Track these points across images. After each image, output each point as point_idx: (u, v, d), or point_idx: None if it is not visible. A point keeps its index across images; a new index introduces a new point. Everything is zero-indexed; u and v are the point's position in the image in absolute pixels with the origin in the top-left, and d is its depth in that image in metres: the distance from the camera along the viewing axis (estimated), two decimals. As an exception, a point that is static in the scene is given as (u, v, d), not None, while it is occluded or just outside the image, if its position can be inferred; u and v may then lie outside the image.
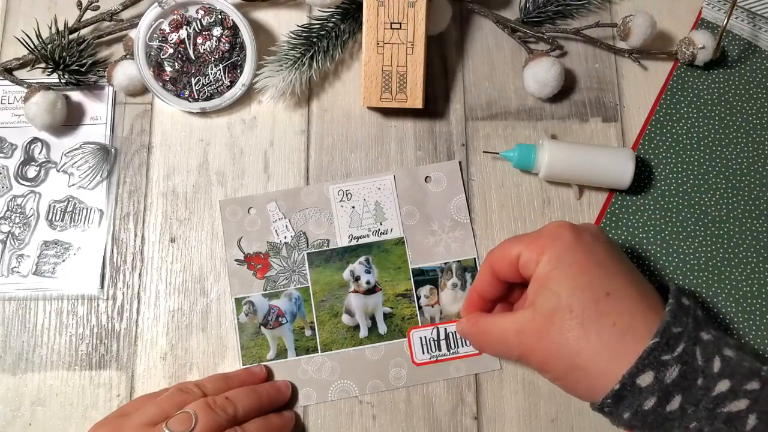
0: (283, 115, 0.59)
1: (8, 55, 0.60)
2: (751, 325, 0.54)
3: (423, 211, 0.57)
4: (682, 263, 0.56)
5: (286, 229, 0.56)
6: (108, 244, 0.56)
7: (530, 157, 0.55)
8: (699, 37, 0.57)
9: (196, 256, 0.56)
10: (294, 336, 0.54)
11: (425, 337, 0.54)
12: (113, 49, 0.61)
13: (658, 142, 0.58)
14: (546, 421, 0.53)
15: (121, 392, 0.53)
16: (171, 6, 0.57)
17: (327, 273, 0.55)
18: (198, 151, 0.58)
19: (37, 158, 0.58)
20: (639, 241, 0.56)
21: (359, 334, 0.54)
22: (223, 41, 0.57)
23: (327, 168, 0.58)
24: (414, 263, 0.55)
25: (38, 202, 0.57)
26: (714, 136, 0.58)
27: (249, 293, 0.55)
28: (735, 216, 0.57)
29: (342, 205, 0.57)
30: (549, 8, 0.60)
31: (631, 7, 0.62)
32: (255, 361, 0.53)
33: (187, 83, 0.57)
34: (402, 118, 0.59)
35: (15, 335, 0.54)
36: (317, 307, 0.55)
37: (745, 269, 0.55)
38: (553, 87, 0.57)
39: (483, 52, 0.61)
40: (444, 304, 0.55)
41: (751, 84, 0.60)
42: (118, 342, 0.54)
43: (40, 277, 0.55)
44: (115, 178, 0.58)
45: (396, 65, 0.55)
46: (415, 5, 0.54)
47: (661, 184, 0.57)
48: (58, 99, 0.57)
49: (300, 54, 0.58)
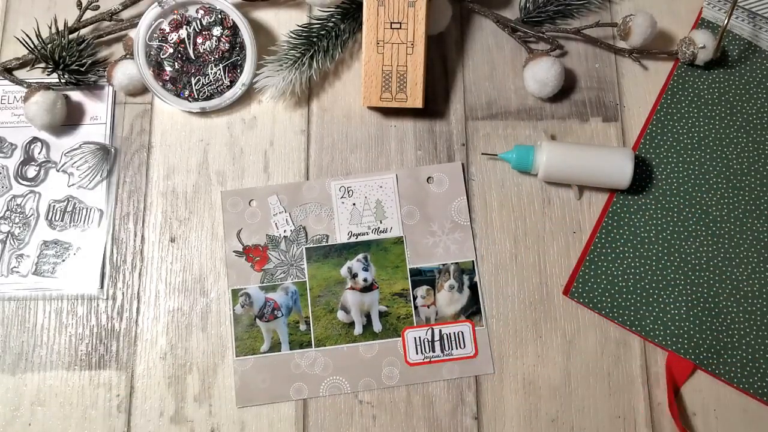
0: (283, 114, 0.59)
1: (8, 55, 0.60)
2: (752, 325, 0.54)
3: (423, 212, 0.56)
4: (683, 263, 0.55)
5: (286, 222, 0.56)
6: (108, 244, 0.56)
7: (528, 158, 0.55)
8: (699, 37, 0.57)
9: (196, 255, 0.56)
10: (289, 330, 0.54)
11: (420, 337, 0.54)
12: (113, 49, 0.61)
13: (659, 142, 0.58)
14: (546, 421, 0.53)
15: (121, 392, 0.53)
16: (171, 6, 0.57)
17: (325, 268, 0.55)
18: (198, 151, 0.58)
19: (36, 158, 0.58)
20: (641, 241, 0.56)
21: (354, 331, 0.54)
22: (223, 41, 0.57)
23: (327, 167, 0.58)
24: (412, 263, 0.55)
25: (38, 202, 0.57)
26: (715, 136, 0.58)
27: (246, 285, 0.55)
28: (736, 216, 0.56)
29: (343, 202, 0.57)
30: (549, 8, 0.60)
31: (632, 6, 0.62)
32: (249, 352, 0.54)
33: (187, 83, 0.57)
34: (402, 118, 0.59)
35: (15, 335, 0.54)
36: (313, 302, 0.55)
37: (746, 269, 0.55)
38: (553, 87, 0.57)
39: (483, 52, 0.61)
40: (440, 305, 0.55)
41: (752, 84, 0.59)
42: (118, 342, 0.54)
43: (40, 277, 0.55)
44: (115, 178, 0.58)
45: (396, 65, 0.55)
46: (415, 5, 0.54)
47: (662, 183, 0.57)
48: (58, 99, 0.57)
49: (300, 54, 0.58)
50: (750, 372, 0.53)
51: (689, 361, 0.53)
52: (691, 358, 0.53)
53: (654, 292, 0.55)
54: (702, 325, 0.54)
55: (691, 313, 0.54)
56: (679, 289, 0.55)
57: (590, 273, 0.55)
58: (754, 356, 0.53)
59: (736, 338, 0.54)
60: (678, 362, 0.53)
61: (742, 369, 0.53)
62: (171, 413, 0.53)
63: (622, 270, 0.55)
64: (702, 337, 0.54)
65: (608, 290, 0.55)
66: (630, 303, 0.54)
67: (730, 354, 0.53)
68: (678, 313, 0.54)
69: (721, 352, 0.53)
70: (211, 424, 0.53)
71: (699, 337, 0.54)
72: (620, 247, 0.56)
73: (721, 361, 0.53)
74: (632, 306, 0.54)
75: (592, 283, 0.55)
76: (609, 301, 0.54)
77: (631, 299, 0.55)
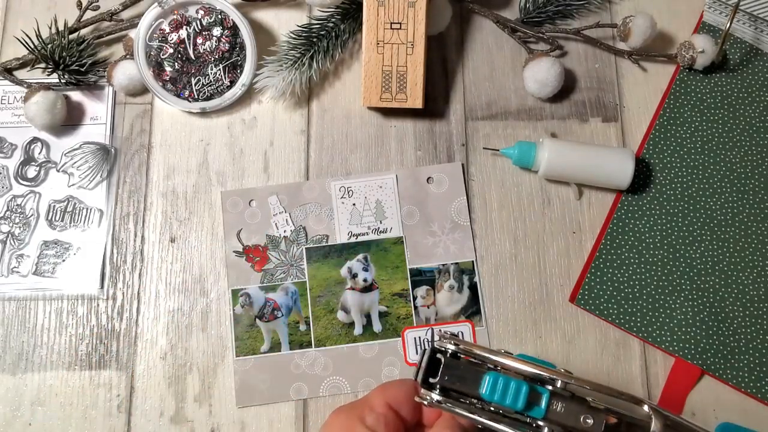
0: (283, 115, 0.59)
1: (8, 55, 0.60)
2: (759, 329, 0.54)
3: (423, 212, 0.57)
4: (689, 267, 0.55)
5: (286, 223, 0.56)
6: (108, 244, 0.56)
7: (530, 154, 0.55)
8: (699, 41, 0.57)
9: (196, 256, 0.56)
10: (289, 330, 0.54)
11: (420, 337, 0.54)
12: (113, 49, 0.61)
13: (663, 147, 0.58)
14: (545, 422, 0.53)
15: (121, 392, 0.53)
16: (171, 6, 0.57)
17: (324, 269, 0.55)
18: (198, 151, 0.58)
19: (37, 158, 0.58)
20: (646, 247, 0.56)
21: (354, 331, 0.54)
22: (223, 41, 0.57)
23: (327, 168, 0.58)
24: (412, 263, 0.55)
25: (38, 202, 0.57)
26: (718, 140, 0.58)
27: (246, 285, 0.55)
28: (741, 219, 0.56)
29: (343, 202, 0.57)
30: (549, 8, 0.60)
31: (632, 7, 0.62)
32: (249, 353, 0.54)
33: (187, 83, 0.57)
34: (402, 118, 0.59)
35: (15, 335, 0.55)
36: (313, 303, 0.55)
37: (752, 273, 0.55)
38: (553, 87, 0.57)
39: (483, 52, 0.61)
40: (440, 305, 0.55)
41: (754, 87, 0.59)
42: (118, 342, 0.54)
43: (40, 277, 0.56)
44: (115, 178, 0.58)
45: (396, 65, 0.55)
46: (415, 5, 0.54)
47: (666, 188, 0.57)
48: (58, 99, 0.57)
49: (300, 54, 0.58)
50: (758, 376, 0.53)
51: (697, 367, 0.53)
52: (698, 363, 0.53)
53: (660, 298, 0.55)
54: (708, 330, 0.54)
55: (698, 318, 0.54)
56: (685, 295, 0.55)
57: (596, 280, 0.55)
58: (761, 360, 0.53)
59: (742, 342, 0.54)
60: (685, 368, 0.53)
61: (749, 373, 0.53)
62: (171, 413, 0.53)
63: (628, 276, 0.55)
64: (709, 342, 0.53)
65: (614, 297, 0.55)
66: (636, 309, 0.54)
67: (737, 359, 0.53)
68: (684, 319, 0.54)
69: (728, 357, 0.53)
70: (211, 424, 0.53)
71: (706, 342, 0.53)
72: (625, 253, 0.56)
73: (728, 366, 0.53)
74: (638, 312, 0.54)
75: (598, 290, 0.55)
76: (615, 308, 0.54)
77: (637, 305, 0.54)
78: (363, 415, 0.40)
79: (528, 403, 0.37)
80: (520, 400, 0.36)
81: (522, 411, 0.37)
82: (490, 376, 0.37)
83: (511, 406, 0.36)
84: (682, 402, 0.53)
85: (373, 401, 0.41)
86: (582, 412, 0.37)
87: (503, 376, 0.37)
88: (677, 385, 0.53)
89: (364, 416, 0.40)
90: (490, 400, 0.37)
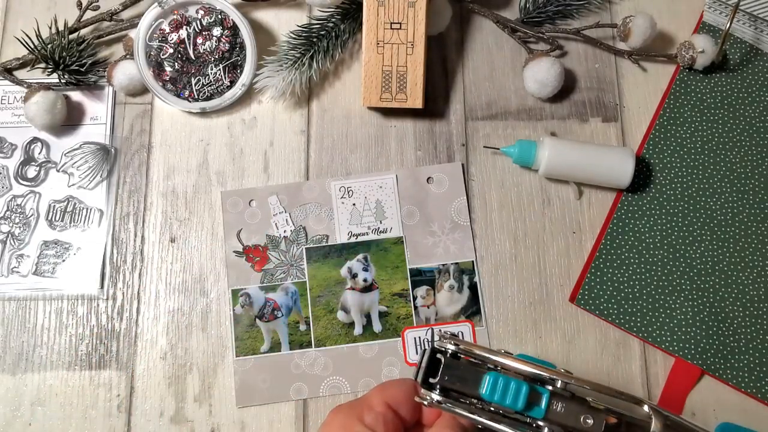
0: (283, 115, 0.59)
1: (8, 55, 0.60)
2: (759, 329, 0.54)
3: (423, 212, 0.57)
4: (689, 267, 0.55)
5: (286, 223, 0.56)
6: (108, 244, 0.56)
7: (531, 152, 0.55)
8: (699, 41, 0.57)
9: (196, 256, 0.56)
10: (289, 330, 0.54)
11: (420, 337, 0.54)
12: (113, 49, 0.61)
13: (663, 147, 0.58)
14: (545, 422, 0.53)
15: (121, 392, 0.53)
16: (171, 6, 0.57)
17: (324, 269, 0.55)
18: (198, 151, 0.58)
19: (37, 158, 0.58)
20: (646, 247, 0.56)
21: (354, 331, 0.54)
22: (223, 41, 0.57)
23: (327, 168, 0.58)
24: (412, 263, 0.55)
25: (38, 202, 0.57)
26: (718, 140, 0.58)
27: (246, 285, 0.55)
28: (741, 219, 0.56)
29: (343, 202, 0.57)
30: (549, 8, 0.60)
31: (632, 7, 0.62)
32: (249, 353, 0.54)
33: (187, 83, 0.57)
34: (402, 118, 0.59)
35: (15, 335, 0.55)
36: (313, 303, 0.55)
37: (752, 273, 0.55)
38: (553, 87, 0.57)
39: (483, 52, 0.61)
40: (440, 305, 0.55)
41: (754, 87, 0.59)
42: (118, 342, 0.54)
43: (40, 277, 0.56)
44: (115, 178, 0.58)
45: (396, 65, 0.55)
46: (415, 5, 0.54)
47: (666, 188, 0.57)
48: (58, 99, 0.57)
49: (300, 54, 0.58)
50: (758, 376, 0.53)
51: (697, 367, 0.53)
52: (698, 363, 0.53)
53: (660, 298, 0.55)
54: (708, 330, 0.54)
55: (697, 318, 0.54)
56: (685, 295, 0.55)
57: (596, 280, 0.55)
58: (761, 360, 0.53)
59: (742, 342, 0.54)
60: (685, 368, 0.53)
61: (749, 373, 0.53)
62: (171, 413, 0.53)
63: (628, 276, 0.55)
64: (709, 342, 0.53)
65: (614, 297, 0.55)
66: (636, 309, 0.54)
67: (737, 359, 0.53)
68: (684, 319, 0.54)
69: (728, 357, 0.53)
70: (211, 424, 0.53)
71: (706, 342, 0.53)
72: (625, 253, 0.56)
73: (728, 366, 0.53)
74: (638, 312, 0.54)
75: (598, 290, 0.55)
76: (615, 308, 0.54)
77: (637, 305, 0.54)
78: (362, 414, 0.40)
79: (528, 403, 0.37)
80: (520, 400, 0.36)
81: (522, 411, 0.37)
82: (490, 376, 0.37)
83: (511, 406, 0.36)
84: (682, 402, 0.53)
85: (372, 400, 0.41)
86: (582, 412, 0.37)
87: (503, 376, 0.37)
88: (677, 385, 0.53)
89: (363, 415, 0.40)
90: (490, 400, 0.37)
